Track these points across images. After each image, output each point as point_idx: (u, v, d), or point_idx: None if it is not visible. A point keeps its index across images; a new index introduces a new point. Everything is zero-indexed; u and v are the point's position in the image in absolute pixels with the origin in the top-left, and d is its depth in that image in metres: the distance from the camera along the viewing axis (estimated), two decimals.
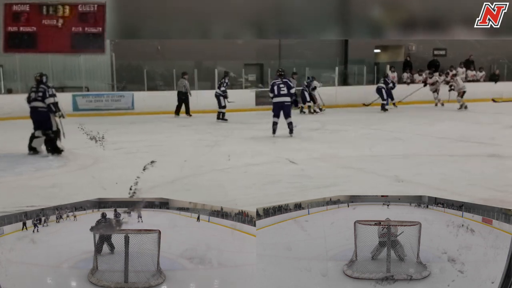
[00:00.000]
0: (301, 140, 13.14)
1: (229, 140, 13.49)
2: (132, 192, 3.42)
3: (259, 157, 10.43)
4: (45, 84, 10.77)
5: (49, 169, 9.37)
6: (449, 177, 8.09)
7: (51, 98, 10.66)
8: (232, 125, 16.97)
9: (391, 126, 15.67)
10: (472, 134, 13.10)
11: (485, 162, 9.40)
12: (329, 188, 7.37)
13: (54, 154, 10.48)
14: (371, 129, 15.29)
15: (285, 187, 7.55)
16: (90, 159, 9.80)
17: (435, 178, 7.94)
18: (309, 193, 6.93)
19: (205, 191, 7.27)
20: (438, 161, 9.66)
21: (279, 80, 13.94)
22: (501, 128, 14.83)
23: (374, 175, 8.46)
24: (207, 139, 13.29)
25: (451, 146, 11.52)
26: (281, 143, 12.75)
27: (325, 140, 13.36)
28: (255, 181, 8.05)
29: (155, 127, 16.88)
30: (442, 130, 14.44)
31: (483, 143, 11.48)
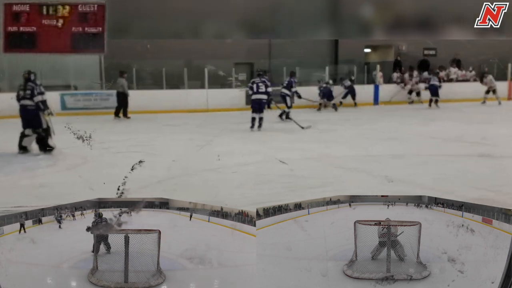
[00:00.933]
0: (292, 140, 13.26)
1: (219, 139, 13.46)
2: (120, 192, 3.40)
3: (250, 156, 10.45)
4: (33, 82, 10.69)
5: (38, 169, 9.33)
6: (442, 176, 8.14)
7: (40, 96, 10.59)
8: (222, 125, 16.95)
9: (382, 126, 15.87)
10: (463, 133, 13.17)
11: (477, 162, 9.47)
12: (320, 188, 7.39)
13: (46, 152, 10.41)
14: (362, 129, 15.42)
15: (276, 187, 7.54)
16: (79, 159, 9.69)
17: (428, 178, 8.00)
18: (300, 193, 6.97)
19: (195, 191, 7.26)
20: (431, 161, 9.75)
21: (258, 79, 15.65)
22: (492, 127, 14.98)
23: (365, 174, 8.51)
24: (197, 139, 13.25)
25: (443, 146, 11.65)
26: (272, 142, 12.84)
27: (317, 139, 13.44)
28: (247, 181, 8.08)
29: (144, 126, 16.82)
30: (433, 130, 14.60)
31: (475, 143, 11.56)
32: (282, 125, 16.43)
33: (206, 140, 12.99)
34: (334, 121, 17.76)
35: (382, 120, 18.02)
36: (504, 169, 8.90)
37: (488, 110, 21.17)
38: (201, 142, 12.56)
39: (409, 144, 12.12)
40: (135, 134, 14.47)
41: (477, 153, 10.18)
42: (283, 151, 11.05)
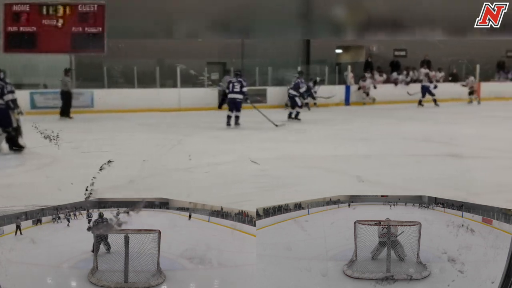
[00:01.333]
0: (265, 140, 13.36)
1: (192, 139, 13.53)
2: (88, 193, 3.37)
3: (223, 156, 10.48)
4: (2, 81, 10.55)
5: (6, 168, 9.26)
6: (411, 176, 8.28)
7: (10, 95, 10.46)
8: (195, 124, 17.09)
9: (353, 126, 16.17)
10: (432, 134, 13.50)
11: (445, 162, 9.69)
12: (292, 188, 7.47)
13: (16, 152, 10.33)
14: (334, 129, 15.62)
15: (249, 186, 7.56)
16: (48, 158, 9.55)
17: (397, 177, 8.14)
18: (273, 193, 7.07)
19: (167, 190, 7.21)
20: (400, 161, 9.93)
21: (234, 79, 16.79)
22: (460, 128, 15.38)
23: (337, 174, 8.61)
24: (170, 138, 13.20)
25: (413, 146, 11.84)
26: (245, 142, 12.93)
27: (289, 139, 13.63)
28: (219, 180, 8.10)
29: (115, 125, 16.74)
30: (404, 131, 14.74)
31: (443, 143, 11.81)
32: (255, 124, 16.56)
33: (178, 139, 12.95)
34: (307, 121, 17.95)
35: (355, 120, 18.39)
36: (471, 169, 8.98)
37: (457, 111, 21.70)
38: (173, 141, 12.50)
39: (379, 144, 12.32)
40: (106, 133, 14.32)
41: (446, 153, 10.42)
42: (256, 151, 11.18)
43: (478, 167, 9.20)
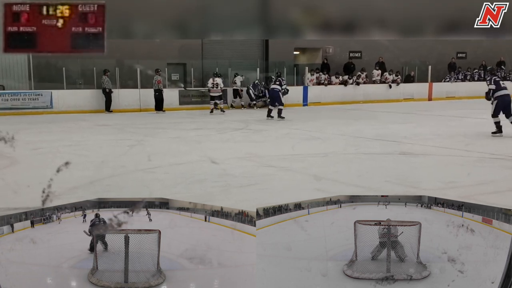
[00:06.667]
0: (225, 140, 13.55)
1: (152, 139, 13.67)
2: (46, 195, 3.33)
3: (183, 156, 10.57)
4: None
5: None
6: (365, 174, 8.52)
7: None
8: (155, 125, 17.23)
9: (310, 126, 16.40)
10: (386, 133, 13.84)
11: (398, 160, 10.03)
12: (252, 187, 7.59)
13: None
14: (292, 129, 15.77)
15: (210, 186, 7.63)
16: (6, 160, 9.44)
17: (352, 175, 8.37)
18: (232, 192, 7.24)
19: (127, 191, 7.25)
20: (355, 159, 10.17)
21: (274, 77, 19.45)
22: (413, 127, 15.91)
23: (295, 173, 8.73)
24: (130, 139, 13.36)
25: (367, 144, 12.06)
26: (205, 142, 12.99)
27: (249, 139, 13.82)
28: (180, 180, 8.14)
29: (75, 126, 16.75)
30: (358, 130, 15.00)
31: (396, 142, 12.19)
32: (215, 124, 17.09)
33: (138, 140, 13.05)
34: (265, 121, 18.32)
35: (312, 120, 18.71)
36: (421, 166, 9.31)
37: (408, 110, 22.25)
38: (132, 142, 12.61)
39: (334, 143, 12.54)
40: (65, 134, 14.40)
41: (398, 151, 10.81)
42: (215, 151, 11.27)
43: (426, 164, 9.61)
